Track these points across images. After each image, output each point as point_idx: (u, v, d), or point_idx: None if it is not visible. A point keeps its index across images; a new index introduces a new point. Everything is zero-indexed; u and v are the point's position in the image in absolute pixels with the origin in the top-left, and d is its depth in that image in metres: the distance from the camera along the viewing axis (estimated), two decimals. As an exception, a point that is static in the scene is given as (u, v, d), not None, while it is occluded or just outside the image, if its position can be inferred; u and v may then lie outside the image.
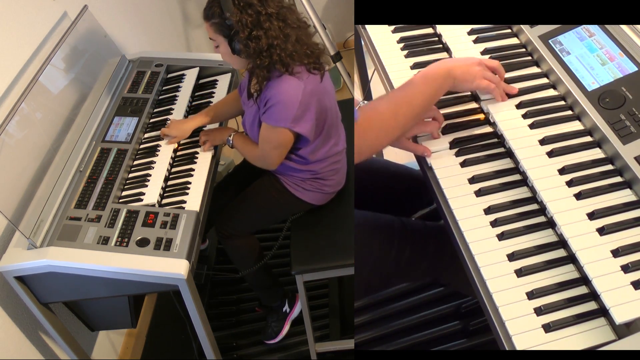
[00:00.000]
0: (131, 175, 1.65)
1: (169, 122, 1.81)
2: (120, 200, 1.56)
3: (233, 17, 1.42)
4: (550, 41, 1.29)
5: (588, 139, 1.16)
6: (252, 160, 1.71)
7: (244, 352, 2.07)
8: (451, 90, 1.25)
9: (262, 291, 2.01)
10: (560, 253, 1.04)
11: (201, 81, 2.07)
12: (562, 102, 1.23)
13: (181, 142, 1.80)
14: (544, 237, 1.07)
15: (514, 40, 1.37)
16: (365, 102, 1.35)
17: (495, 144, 1.23)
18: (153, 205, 1.54)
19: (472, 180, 1.16)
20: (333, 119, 1.64)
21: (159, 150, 1.73)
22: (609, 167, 1.11)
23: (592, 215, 1.04)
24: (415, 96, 1.17)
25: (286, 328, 2.04)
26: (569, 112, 1.21)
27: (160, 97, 1.95)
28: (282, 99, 1.46)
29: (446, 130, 1.26)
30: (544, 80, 1.28)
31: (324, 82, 1.57)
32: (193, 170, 1.69)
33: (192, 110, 1.93)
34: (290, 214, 1.83)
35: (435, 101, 1.22)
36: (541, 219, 1.10)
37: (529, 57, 1.33)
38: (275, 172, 1.74)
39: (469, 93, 1.33)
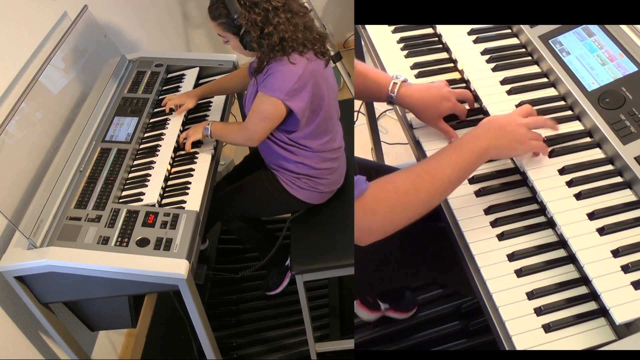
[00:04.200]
0: (131, 175, 1.65)
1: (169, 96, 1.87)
2: (120, 200, 1.56)
3: (241, 18, 1.42)
4: (550, 41, 1.29)
5: (588, 139, 1.16)
6: (234, 138, 1.70)
7: (244, 352, 2.07)
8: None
9: (267, 252, 2.03)
10: (560, 253, 1.05)
11: (201, 81, 2.07)
12: (562, 102, 1.23)
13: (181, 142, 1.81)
14: (544, 237, 1.07)
15: (514, 40, 1.37)
16: (405, 77, 1.29)
17: (495, 144, 1.23)
18: (153, 205, 1.54)
19: (472, 180, 1.16)
20: (330, 112, 1.64)
21: (159, 150, 1.73)
22: (609, 167, 1.11)
23: (592, 216, 1.04)
24: (442, 169, 1.01)
25: (286, 281, 2.10)
26: (569, 112, 1.21)
27: (160, 97, 1.95)
28: (282, 69, 1.47)
29: (446, 130, 1.26)
30: (544, 80, 1.28)
31: (327, 70, 1.57)
32: (193, 170, 1.69)
33: (192, 110, 1.93)
34: (285, 211, 1.83)
35: (467, 176, 1.06)
36: (541, 219, 1.10)
37: (529, 57, 1.33)
38: (272, 168, 1.75)
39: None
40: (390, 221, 0.99)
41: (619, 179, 1.09)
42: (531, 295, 0.99)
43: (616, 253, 0.99)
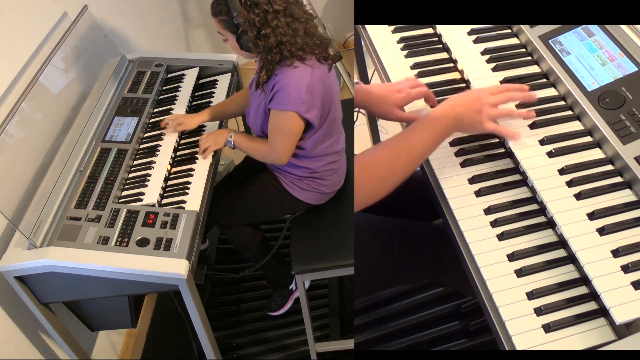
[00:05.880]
0: (131, 175, 1.65)
1: (172, 115, 1.84)
2: (120, 200, 1.56)
3: (240, 17, 1.42)
4: (550, 41, 1.29)
5: (588, 139, 1.16)
6: (260, 156, 1.68)
7: (244, 352, 2.07)
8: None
9: (268, 270, 2.01)
10: (560, 253, 1.05)
11: (201, 81, 2.07)
12: (562, 102, 1.23)
13: (181, 142, 1.81)
14: (544, 237, 1.07)
15: (514, 40, 1.37)
16: (357, 80, 1.36)
17: (495, 144, 1.23)
18: (153, 205, 1.54)
19: (472, 180, 1.16)
20: (336, 115, 1.63)
21: (159, 150, 1.73)
22: (609, 167, 1.11)
23: (592, 216, 1.04)
24: (414, 145, 1.12)
25: (289, 304, 2.08)
26: (569, 112, 1.21)
27: (160, 97, 1.95)
28: (290, 81, 1.45)
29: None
30: (544, 80, 1.28)
31: (331, 74, 1.56)
32: (193, 170, 1.69)
33: (192, 110, 1.93)
34: (287, 212, 1.82)
35: (435, 149, 1.16)
36: (541, 219, 1.10)
37: (529, 57, 1.33)
38: (273, 170, 1.74)
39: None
40: (372, 196, 1.10)
41: (619, 179, 1.09)
42: (531, 295, 0.99)
43: (616, 253, 0.99)
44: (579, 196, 1.07)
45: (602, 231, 1.01)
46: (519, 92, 1.18)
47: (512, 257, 1.04)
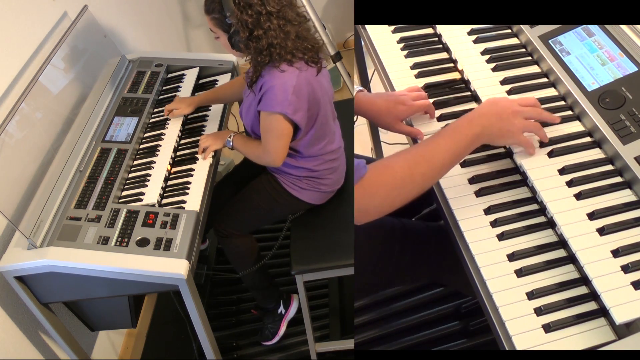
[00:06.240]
0: (131, 175, 1.65)
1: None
2: (120, 200, 1.56)
3: (233, 17, 1.42)
4: (550, 41, 1.29)
5: (588, 139, 1.16)
6: (255, 158, 1.69)
7: (244, 352, 2.07)
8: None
9: (258, 292, 2.00)
10: (560, 253, 1.05)
11: (201, 81, 2.07)
12: (562, 102, 1.23)
13: (181, 142, 1.81)
14: (544, 237, 1.07)
15: (514, 40, 1.37)
16: (362, 88, 1.35)
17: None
18: (153, 205, 1.54)
19: (472, 180, 1.16)
20: (327, 116, 1.63)
21: (159, 150, 1.73)
22: (609, 167, 1.11)
23: (592, 216, 1.04)
24: (436, 153, 1.05)
25: (282, 329, 2.04)
26: (569, 113, 1.21)
27: (160, 97, 1.95)
28: (276, 83, 1.46)
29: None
30: (544, 80, 1.28)
31: (320, 76, 1.56)
32: (193, 170, 1.69)
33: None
34: (288, 213, 1.82)
35: (461, 159, 1.10)
36: (541, 219, 1.10)
37: (529, 57, 1.33)
38: (272, 171, 1.74)
39: (469, 93, 1.33)
40: (387, 203, 1.04)
41: (619, 179, 1.09)
42: (531, 295, 0.99)
43: (616, 253, 0.99)
44: (579, 196, 1.07)
45: (602, 231, 1.01)
46: (545, 112, 1.14)
47: (512, 257, 1.04)
